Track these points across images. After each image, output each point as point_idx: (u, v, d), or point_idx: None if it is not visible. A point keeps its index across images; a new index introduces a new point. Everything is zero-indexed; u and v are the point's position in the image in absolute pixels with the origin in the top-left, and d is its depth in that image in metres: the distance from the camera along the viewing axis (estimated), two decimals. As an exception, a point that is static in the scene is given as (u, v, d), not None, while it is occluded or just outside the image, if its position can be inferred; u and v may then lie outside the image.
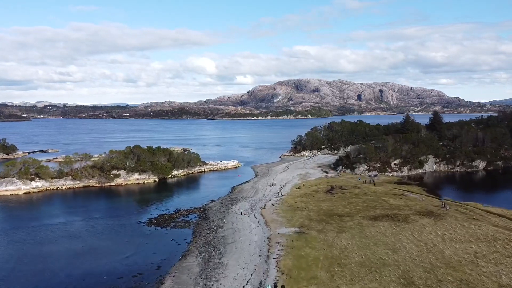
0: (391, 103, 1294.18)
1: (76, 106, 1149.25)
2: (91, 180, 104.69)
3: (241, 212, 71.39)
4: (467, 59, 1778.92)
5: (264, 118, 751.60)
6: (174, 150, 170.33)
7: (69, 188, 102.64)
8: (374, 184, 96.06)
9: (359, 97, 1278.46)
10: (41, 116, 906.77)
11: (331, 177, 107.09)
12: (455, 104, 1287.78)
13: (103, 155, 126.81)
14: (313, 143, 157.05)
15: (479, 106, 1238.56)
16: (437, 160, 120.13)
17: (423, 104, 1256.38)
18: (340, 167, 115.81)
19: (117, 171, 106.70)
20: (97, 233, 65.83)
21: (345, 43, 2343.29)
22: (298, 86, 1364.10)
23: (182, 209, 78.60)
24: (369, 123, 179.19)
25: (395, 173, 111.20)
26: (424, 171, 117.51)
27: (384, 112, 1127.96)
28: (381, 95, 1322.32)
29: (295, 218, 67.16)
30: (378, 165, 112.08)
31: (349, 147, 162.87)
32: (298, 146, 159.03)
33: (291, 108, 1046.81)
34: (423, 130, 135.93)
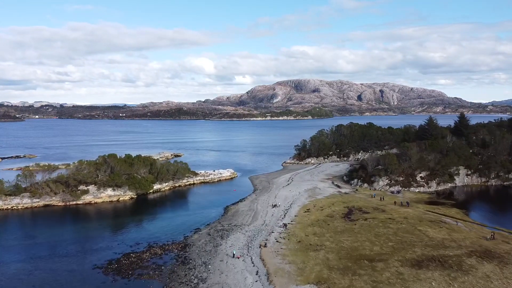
0: (392, 103, 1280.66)
1: (73, 106, 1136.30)
2: (53, 198, 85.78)
3: (233, 254, 52.50)
4: (466, 60, 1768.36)
5: (263, 118, 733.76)
6: (161, 157, 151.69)
7: (27, 207, 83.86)
8: (399, 204, 77.42)
9: (359, 98, 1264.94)
10: (36, 117, 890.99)
11: (346, 193, 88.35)
12: (456, 105, 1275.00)
13: (72, 165, 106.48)
14: (319, 149, 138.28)
15: (481, 107, 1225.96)
16: (469, 172, 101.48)
17: (424, 105, 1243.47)
18: (356, 180, 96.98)
19: (86, 186, 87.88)
20: (32, 286, 47.09)
21: (343, 43, 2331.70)
22: (298, 86, 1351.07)
23: (157, 244, 59.44)
24: (381, 126, 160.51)
25: (421, 188, 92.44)
26: (454, 185, 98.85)
27: (385, 113, 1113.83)
28: (382, 96, 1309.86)
29: (309, 265, 48.27)
30: (401, 178, 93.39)
31: (360, 154, 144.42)
32: (303, 152, 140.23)
33: (291, 108, 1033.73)
34: (449, 136, 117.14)
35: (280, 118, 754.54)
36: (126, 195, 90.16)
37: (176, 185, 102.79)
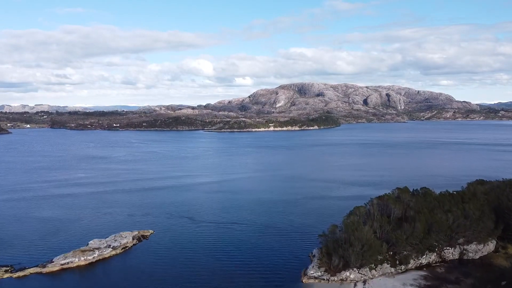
0: (399, 108, 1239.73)
1: (69, 112, 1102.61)
2: None
3: None
4: (467, 61, 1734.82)
5: (266, 129, 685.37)
6: (114, 247, 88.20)
7: None
8: None
9: (365, 102, 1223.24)
10: (28, 126, 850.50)
11: None
12: (466, 109, 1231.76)
13: None
14: (363, 253, 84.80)
15: (492, 112, 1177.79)
16: None
17: (433, 110, 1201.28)
18: None
19: None
20: None
21: (341, 44, 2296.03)
22: (301, 90, 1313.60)
23: None
24: (448, 200, 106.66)
25: None
26: None
27: (394, 119, 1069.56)
28: (388, 100, 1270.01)
29: None
30: None
31: (424, 256, 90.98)
32: (335, 259, 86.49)
33: (295, 114, 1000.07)
34: None
35: (284, 128, 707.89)
36: None
37: None
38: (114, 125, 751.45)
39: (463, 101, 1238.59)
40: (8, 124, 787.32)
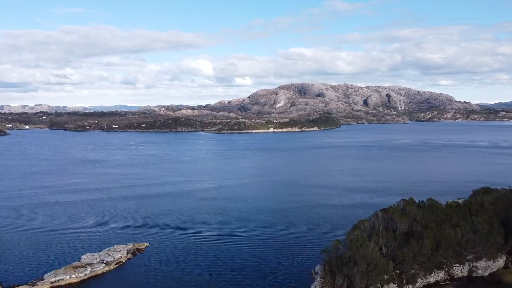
0: (399, 108, 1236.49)
1: (69, 113, 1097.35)
2: None
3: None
4: (467, 61, 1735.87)
5: (266, 130, 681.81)
6: (107, 262, 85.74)
7: None
8: None
9: (365, 102, 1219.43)
10: (26, 127, 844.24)
11: None
12: (466, 109, 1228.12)
13: None
14: (368, 272, 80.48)
15: (492, 112, 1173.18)
16: None
17: (434, 110, 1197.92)
18: None
19: None
20: None
21: (340, 44, 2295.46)
22: (301, 90, 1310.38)
23: None
24: (456, 215, 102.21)
25: None
26: None
27: (394, 120, 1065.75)
28: (388, 100, 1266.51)
29: None
30: None
31: (432, 274, 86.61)
32: (339, 278, 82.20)
33: (295, 114, 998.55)
34: None
35: (284, 130, 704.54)
36: None
37: None
38: (113, 126, 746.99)
39: (464, 102, 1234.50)
40: (7, 125, 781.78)
